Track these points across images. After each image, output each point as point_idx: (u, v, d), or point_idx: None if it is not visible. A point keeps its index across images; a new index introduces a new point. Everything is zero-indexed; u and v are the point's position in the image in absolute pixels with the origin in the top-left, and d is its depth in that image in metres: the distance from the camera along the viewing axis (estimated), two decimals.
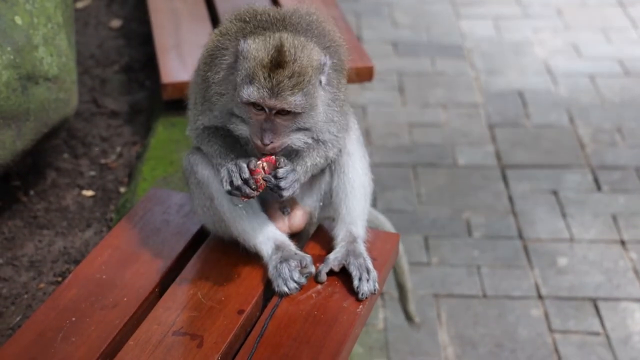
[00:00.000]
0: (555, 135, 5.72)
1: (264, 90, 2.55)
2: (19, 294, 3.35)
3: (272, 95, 2.55)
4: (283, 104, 2.57)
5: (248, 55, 2.59)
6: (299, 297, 2.84)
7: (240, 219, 2.86)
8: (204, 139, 2.86)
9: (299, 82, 2.57)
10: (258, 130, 2.61)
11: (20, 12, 3.45)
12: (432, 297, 4.43)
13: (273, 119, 2.61)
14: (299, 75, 2.57)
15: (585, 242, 4.81)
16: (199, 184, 2.89)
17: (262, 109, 2.59)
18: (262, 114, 2.60)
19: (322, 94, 2.70)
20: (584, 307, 4.37)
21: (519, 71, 6.48)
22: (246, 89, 2.57)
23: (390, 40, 6.87)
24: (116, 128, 4.52)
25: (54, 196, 3.92)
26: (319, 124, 2.73)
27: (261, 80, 2.55)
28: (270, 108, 2.58)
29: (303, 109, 2.61)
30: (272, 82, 2.55)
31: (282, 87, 2.55)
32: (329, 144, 2.83)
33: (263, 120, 2.61)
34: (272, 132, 2.61)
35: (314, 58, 2.62)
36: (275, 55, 2.56)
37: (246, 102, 2.59)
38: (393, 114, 5.96)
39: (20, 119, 3.43)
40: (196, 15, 4.97)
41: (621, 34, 6.99)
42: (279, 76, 2.55)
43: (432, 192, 5.20)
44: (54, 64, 3.57)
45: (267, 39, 2.62)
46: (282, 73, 2.55)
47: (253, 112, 2.61)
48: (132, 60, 5.20)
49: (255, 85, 2.56)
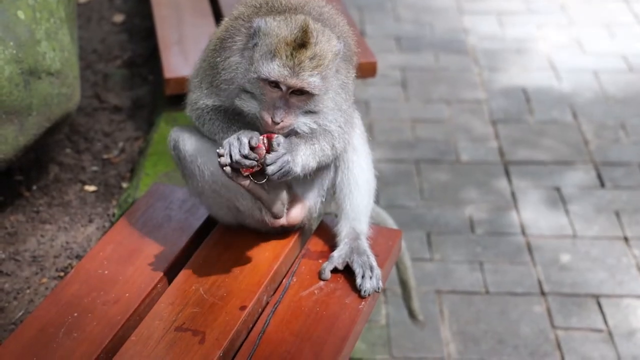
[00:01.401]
0: (559, 132, 5.71)
1: (285, 69, 2.55)
2: (21, 289, 3.35)
3: (292, 74, 2.56)
4: (303, 83, 2.57)
5: (270, 31, 2.59)
6: (301, 293, 2.84)
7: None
8: (204, 118, 2.84)
9: (320, 64, 2.58)
10: (270, 108, 2.61)
11: (23, 7, 3.44)
12: (435, 294, 4.43)
13: (287, 98, 2.61)
14: (320, 57, 2.58)
15: (588, 238, 4.80)
16: (188, 157, 2.86)
17: (278, 87, 2.60)
18: (278, 92, 2.61)
19: (334, 81, 2.72)
20: (586, 304, 4.36)
21: (522, 67, 6.46)
22: (266, 65, 2.56)
23: (393, 36, 6.86)
24: (118, 123, 4.51)
25: (57, 191, 3.92)
26: (327, 110, 2.73)
27: (283, 58, 2.55)
28: (288, 87, 2.58)
29: (319, 91, 2.62)
30: (294, 61, 2.55)
31: (303, 67, 2.56)
32: (336, 134, 2.83)
33: (277, 98, 2.61)
34: (284, 111, 2.61)
35: (333, 44, 2.64)
36: (299, 35, 2.56)
37: (265, 78, 2.58)
38: (396, 110, 5.95)
39: (22, 113, 3.43)
40: (199, 10, 4.96)
41: (625, 30, 6.97)
42: (301, 56, 2.56)
43: (434, 188, 5.19)
44: (57, 59, 3.56)
45: (289, 18, 2.63)
46: (304, 53, 2.56)
47: (268, 89, 2.61)
48: (134, 55, 5.19)
49: (276, 63, 2.55)
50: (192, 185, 2.94)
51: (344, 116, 2.83)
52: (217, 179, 2.82)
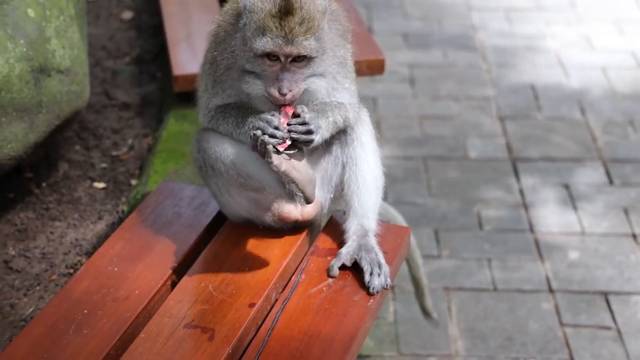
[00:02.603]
0: (567, 128, 5.70)
1: (278, 39, 2.58)
2: (31, 285, 3.37)
3: (287, 42, 2.58)
4: (300, 49, 2.59)
5: (254, 8, 2.62)
6: (309, 290, 2.85)
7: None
8: (218, 119, 2.86)
9: (310, 27, 2.60)
10: (274, 82, 2.63)
11: (33, 5, 3.45)
12: (443, 291, 4.43)
13: (289, 67, 2.63)
14: (308, 20, 2.60)
15: (596, 235, 4.79)
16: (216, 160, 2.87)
17: (277, 59, 2.62)
18: (277, 64, 2.63)
19: (329, 41, 2.73)
20: (595, 301, 4.36)
21: (531, 64, 6.45)
22: (259, 40, 2.59)
23: (401, 32, 6.85)
24: (127, 120, 4.52)
25: (66, 188, 3.94)
26: (331, 68, 2.76)
27: (273, 29, 2.58)
28: (286, 55, 2.60)
29: (317, 53, 2.64)
30: (285, 29, 2.58)
31: (295, 33, 2.58)
32: (348, 106, 2.86)
33: (278, 70, 2.63)
34: (289, 81, 2.63)
35: (318, 2, 2.65)
36: (282, 4, 2.58)
37: (261, 53, 2.60)
38: (404, 107, 5.94)
39: (32, 111, 3.44)
40: (207, 7, 4.97)
41: (634, 27, 6.95)
42: (290, 23, 2.58)
43: (442, 184, 5.19)
44: (66, 57, 3.58)
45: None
46: (292, 20, 2.58)
47: (267, 63, 2.63)
48: (143, 52, 5.21)
49: (268, 36, 2.58)
50: (216, 184, 2.94)
51: (349, 92, 2.87)
52: (243, 172, 2.84)
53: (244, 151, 2.81)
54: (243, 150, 2.82)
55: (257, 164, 2.79)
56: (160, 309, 2.74)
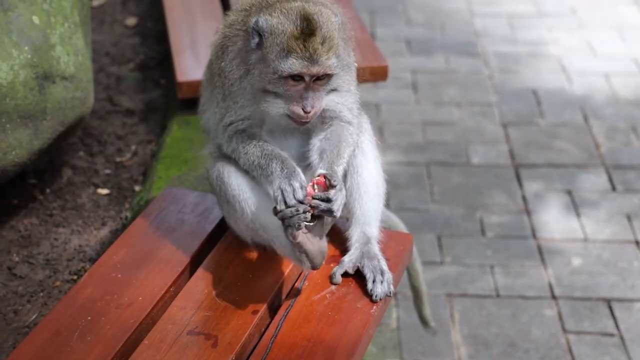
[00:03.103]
0: (570, 134, 5.71)
1: (304, 60, 2.60)
2: (35, 292, 3.38)
3: (313, 63, 2.61)
4: (325, 68, 2.64)
5: (274, 30, 2.64)
6: (312, 297, 2.85)
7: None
8: (238, 147, 2.83)
9: (332, 45, 2.64)
10: (298, 101, 2.67)
11: (38, 12, 3.47)
12: (445, 297, 4.43)
13: (312, 86, 2.66)
14: (329, 39, 2.64)
15: (599, 242, 4.80)
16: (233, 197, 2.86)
17: (301, 79, 2.65)
18: (301, 84, 2.66)
19: (344, 55, 2.78)
20: (598, 308, 4.36)
21: (533, 70, 6.46)
22: (284, 62, 2.61)
23: (404, 38, 6.87)
24: (131, 126, 4.54)
25: (70, 194, 3.95)
26: (342, 79, 2.80)
27: (298, 51, 2.60)
28: (312, 76, 2.63)
29: (338, 70, 2.70)
30: (310, 50, 2.61)
31: (319, 53, 2.61)
32: (354, 123, 2.90)
33: (302, 89, 2.66)
34: (312, 99, 2.67)
35: (332, 20, 2.69)
36: (304, 25, 2.62)
37: (286, 74, 2.63)
38: (407, 112, 5.95)
39: (37, 117, 3.46)
40: (211, 14, 4.98)
41: (636, 33, 6.95)
42: (313, 44, 2.61)
43: (445, 191, 5.19)
44: (71, 63, 3.59)
45: (285, 10, 2.67)
46: (315, 40, 2.62)
47: (291, 83, 2.66)
48: (147, 59, 5.22)
49: (293, 57, 2.61)
50: (227, 212, 2.94)
51: (353, 97, 2.90)
52: (257, 221, 2.83)
53: (265, 202, 2.79)
54: (264, 201, 2.80)
55: (274, 219, 2.71)
56: (164, 315, 2.75)
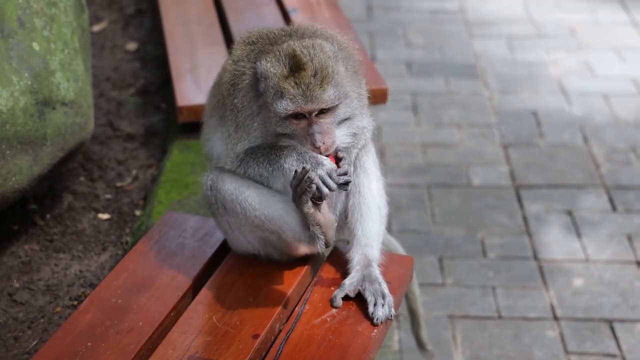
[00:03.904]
0: (570, 155, 5.72)
1: (297, 98, 2.61)
2: (35, 318, 3.37)
3: (306, 100, 2.61)
4: (320, 103, 2.63)
5: (267, 74, 2.66)
6: (313, 321, 2.85)
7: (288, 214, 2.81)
8: (248, 161, 2.84)
9: (324, 76, 2.62)
10: (306, 137, 2.67)
11: (38, 39, 3.49)
12: (447, 319, 4.42)
13: (315, 121, 2.66)
14: (321, 70, 2.62)
15: (600, 262, 4.79)
16: (232, 201, 2.85)
17: (302, 117, 2.65)
18: (304, 121, 2.66)
19: (349, 80, 2.76)
20: (600, 329, 4.35)
21: (533, 91, 6.48)
22: (280, 104, 2.62)
23: (404, 60, 6.90)
24: (132, 151, 4.55)
25: (70, 219, 3.95)
26: (357, 110, 2.80)
27: (290, 90, 2.61)
28: (309, 112, 2.63)
29: (339, 100, 2.67)
30: (301, 87, 2.61)
31: (312, 88, 2.61)
32: (367, 128, 2.93)
33: (307, 126, 2.67)
34: (320, 133, 2.66)
35: (326, 50, 2.68)
36: (292, 62, 2.62)
37: (284, 115, 2.64)
38: (407, 134, 5.97)
39: (37, 144, 3.47)
40: (211, 39, 5.02)
41: (634, 54, 6.98)
42: (304, 79, 2.61)
43: (446, 212, 5.19)
44: (71, 89, 3.61)
45: (277, 52, 2.68)
46: (305, 75, 2.61)
47: (294, 122, 2.67)
48: (147, 83, 5.24)
49: (286, 98, 2.61)
50: (227, 222, 2.93)
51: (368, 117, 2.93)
52: (262, 214, 2.82)
53: (265, 194, 2.81)
54: (263, 193, 2.82)
55: (277, 207, 2.80)
56: (164, 340, 2.75)
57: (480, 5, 7.81)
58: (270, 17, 5.20)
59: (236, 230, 2.95)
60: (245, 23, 5.03)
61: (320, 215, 2.72)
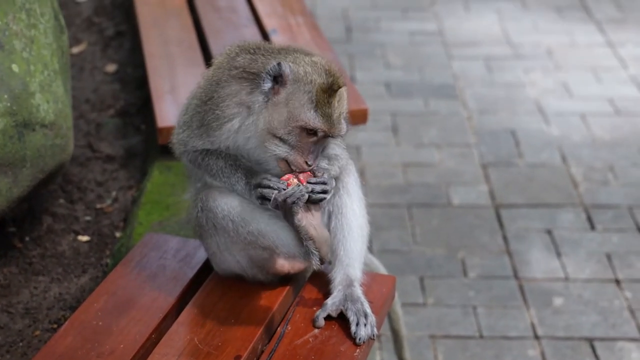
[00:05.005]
0: (548, 175, 5.76)
1: (327, 118, 2.61)
2: (14, 341, 3.33)
3: (333, 123, 2.63)
4: (341, 130, 2.66)
5: (301, 78, 2.63)
6: (295, 341, 2.84)
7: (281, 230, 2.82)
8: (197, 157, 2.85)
9: (345, 106, 2.67)
10: (305, 152, 2.66)
11: (17, 60, 3.48)
12: (429, 338, 4.42)
13: (321, 141, 2.68)
14: (344, 100, 2.67)
15: (580, 281, 4.81)
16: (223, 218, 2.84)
17: (314, 133, 2.64)
18: (313, 138, 2.66)
19: None
20: (580, 347, 4.37)
21: (511, 111, 6.53)
22: (309, 114, 2.61)
23: (383, 81, 6.93)
24: (112, 172, 4.53)
25: (50, 242, 3.92)
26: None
27: (325, 107, 2.61)
28: (329, 134, 2.64)
29: (347, 131, 2.72)
30: (333, 108, 2.62)
31: (339, 113, 2.64)
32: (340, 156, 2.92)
33: (312, 143, 2.66)
34: (316, 153, 2.69)
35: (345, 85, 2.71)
36: (330, 81, 2.63)
37: (304, 126, 2.63)
38: (387, 154, 5.99)
39: (16, 165, 3.45)
40: (191, 60, 5.02)
41: (611, 74, 7.07)
42: (335, 102, 2.63)
43: (427, 232, 5.21)
44: (50, 111, 3.59)
45: (311, 62, 2.67)
46: (336, 99, 2.63)
47: (304, 135, 2.65)
48: (127, 105, 5.23)
49: (319, 112, 2.61)
50: (216, 242, 2.92)
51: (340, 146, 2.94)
52: (255, 229, 2.82)
53: (257, 209, 2.81)
54: (256, 209, 2.81)
55: (269, 222, 2.80)
56: None
57: (458, 26, 7.88)
58: (250, 38, 5.20)
59: (225, 250, 2.93)
60: (224, 44, 5.00)
61: (313, 230, 2.71)
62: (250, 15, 5.57)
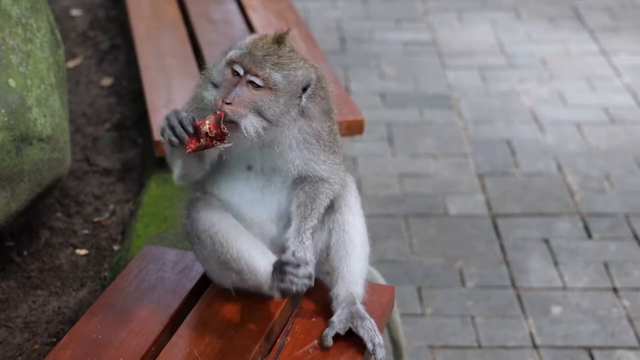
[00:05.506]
0: (544, 184, 5.77)
1: (249, 54, 2.66)
2: (13, 356, 3.33)
3: (252, 59, 2.65)
4: (262, 72, 2.65)
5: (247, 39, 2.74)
6: (295, 352, 2.84)
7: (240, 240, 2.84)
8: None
9: (284, 64, 2.68)
10: (225, 91, 2.66)
11: (14, 75, 3.49)
12: (427, 349, 4.42)
13: (244, 84, 2.66)
14: (289, 60, 2.69)
15: (578, 290, 4.82)
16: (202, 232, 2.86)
17: (237, 74, 2.67)
18: (237, 79, 2.67)
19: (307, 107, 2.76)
20: (579, 356, 4.37)
21: (506, 120, 6.55)
22: (234, 50, 2.70)
23: (378, 92, 6.95)
24: (109, 186, 4.53)
25: (48, 256, 3.92)
26: (299, 135, 2.78)
27: (252, 47, 2.68)
28: (245, 69, 2.65)
29: (273, 87, 2.66)
30: (262, 51, 2.67)
31: (267, 59, 2.66)
32: (332, 179, 2.91)
33: (234, 84, 2.66)
34: (238, 96, 2.64)
35: (306, 66, 2.75)
36: (276, 36, 2.71)
37: (229, 60, 2.68)
38: (383, 165, 6.00)
39: (14, 180, 3.45)
40: (187, 72, 5.03)
41: (605, 83, 7.09)
42: (270, 49, 2.68)
43: (424, 242, 5.21)
44: (48, 125, 3.60)
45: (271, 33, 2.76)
46: (275, 49, 2.69)
47: (229, 75, 2.68)
48: (123, 118, 5.24)
49: (244, 50, 2.68)
50: (201, 253, 2.94)
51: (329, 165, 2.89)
52: (227, 252, 2.83)
53: (234, 230, 2.82)
54: (234, 230, 2.83)
55: (243, 246, 2.81)
56: None
57: (452, 36, 7.91)
58: None
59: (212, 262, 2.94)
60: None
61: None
62: (245, 27, 5.59)
